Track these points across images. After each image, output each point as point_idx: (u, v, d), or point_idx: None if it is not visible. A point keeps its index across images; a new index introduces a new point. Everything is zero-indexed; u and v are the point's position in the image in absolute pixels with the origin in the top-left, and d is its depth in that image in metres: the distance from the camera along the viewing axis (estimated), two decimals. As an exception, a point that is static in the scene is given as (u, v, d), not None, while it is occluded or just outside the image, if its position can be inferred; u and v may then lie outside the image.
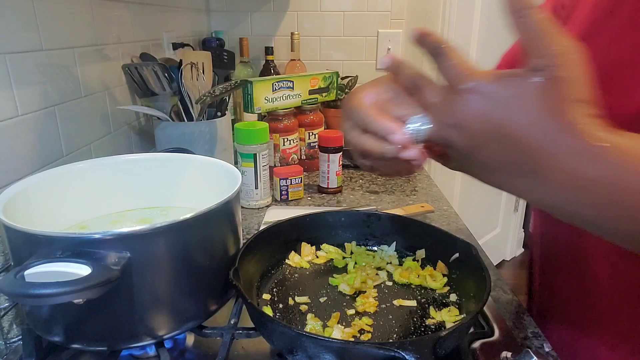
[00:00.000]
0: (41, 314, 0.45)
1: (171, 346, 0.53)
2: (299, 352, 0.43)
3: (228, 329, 0.51)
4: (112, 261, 0.40)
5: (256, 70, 1.57)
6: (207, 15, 1.63)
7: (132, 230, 0.42)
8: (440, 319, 0.54)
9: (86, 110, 0.82)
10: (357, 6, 1.61)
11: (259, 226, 0.85)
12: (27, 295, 0.36)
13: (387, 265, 0.64)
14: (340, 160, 1.00)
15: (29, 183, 0.53)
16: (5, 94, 0.61)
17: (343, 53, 1.66)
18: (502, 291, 0.64)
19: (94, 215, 0.61)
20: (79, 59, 0.79)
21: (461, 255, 0.59)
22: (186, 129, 0.92)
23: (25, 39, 0.65)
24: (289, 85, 1.08)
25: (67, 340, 0.45)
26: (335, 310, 0.55)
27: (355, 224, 0.68)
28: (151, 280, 0.44)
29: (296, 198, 0.98)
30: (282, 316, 0.54)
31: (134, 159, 0.64)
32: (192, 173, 0.64)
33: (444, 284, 0.60)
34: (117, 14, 0.93)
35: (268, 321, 0.45)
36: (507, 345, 0.51)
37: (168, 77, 0.90)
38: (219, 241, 0.51)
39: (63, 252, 0.39)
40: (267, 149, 0.91)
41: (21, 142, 0.64)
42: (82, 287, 0.36)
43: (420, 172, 1.17)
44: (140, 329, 0.45)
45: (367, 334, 0.51)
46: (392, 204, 0.95)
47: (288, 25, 1.63)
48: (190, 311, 0.49)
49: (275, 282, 0.61)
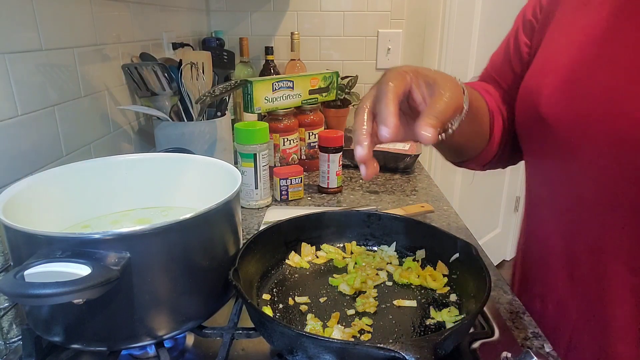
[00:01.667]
0: (41, 314, 0.45)
1: (171, 346, 0.53)
2: (299, 353, 0.43)
3: (228, 329, 0.51)
4: (112, 261, 0.40)
5: (256, 70, 1.57)
6: (207, 15, 1.63)
7: (132, 230, 0.42)
8: (440, 319, 0.54)
9: (86, 110, 0.82)
10: (357, 6, 1.61)
11: (259, 226, 0.85)
12: (27, 295, 0.36)
13: (387, 266, 0.64)
14: (340, 160, 1.00)
15: (29, 183, 0.53)
16: (5, 94, 0.61)
17: (343, 53, 1.66)
18: (502, 291, 0.64)
19: (93, 215, 0.61)
20: (79, 59, 0.79)
21: (461, 255, 0.59)
22: (186, 129, 0.92)
23: (25, 39, 0.65)
24: (289, 85, 1.08)
25: (67, 340, 0.45)
26: (335, 310, 0.55)
27: (355, 224, 0.68)
28: (151, 281, 0.44)
29: (296, 198, 0.98)
30: (282, 316, 0.54)
31: (134, 159, 0.64)
32: (192, 173, 0.64)
33: (444, 284, 0.60)
34: (117, 14, 0.93)
35: (268, 321, 0.45)
36: (507, 345, 0.51)
37: (168, 77, 0.90)
38: (219, 241, 0.51)
39: (63, 252, 0.39)
40: (267, 149, 0.91)
41: (21, 142, 0.64)
42: (82, 287, 0.36)
43: (420, 172, 1.17)
44: (140, 329, 0.45)
45: (367, 334, 0.51)
46: (392, 204, 0.95)
47: (288, 25, 1.63)
48: (190, 311, 0.49)
49: (275, 282, 0.61)
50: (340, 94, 1.42)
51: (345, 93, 1.46)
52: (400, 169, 1.17)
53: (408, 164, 1.15)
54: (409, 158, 1.14)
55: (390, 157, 1.15)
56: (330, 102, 1.38)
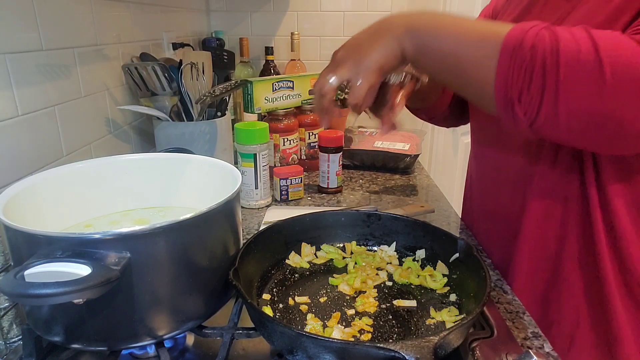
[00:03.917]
0: (41, 314, 0.45)
1: (171, 346, 0.54)
2: (299, 352, 0.43)
3: (228, 329, 0.51)
4: (112, 261, 0.40)
5: (256, 70, 1.57)
6: (207, 15, 1.63)
7: (132, 230, 0.42)
8: (440, 319, 0.54)
9: (86, 110, 0.82)
10: (357, 6, 1.61)
11: (259, 226, 0.85)
12: (27, 295, 0.36)
13: (387, 265, 0.64)
14: (340, 160, 1.00)
15: (29, 183, 0.53)
16: (5, 94, 0.61)
17: (343, 53, 1.66)
18: (502, 291, 0.64)
19: (93, 215, 0.61)
20: (79, 59, 0.79)
21: (461, 255, 0.59)
22: (186, 129, 0.92)
23: (25, 39, 0.65)
24: (289, 85, 1.08)
25: (67, 340, 0.45)
26: (335, 310, 0.55)
27: (355, 224, 0.68)
28: (151, 281, 0.44)
29: (296, 198, 0.98)
30: (282, 316, 0.54)
31: (134, 159, 0.64)
32: (192, 173, 0.64)
33: (444, 284, 0.60)
34: (117, 14, 0.93)
35: (268, 321, 0.45)
36: (507, 345, 0.51)
37: (168, 77, 0.90)
38: (219, 241, 0.51)
39: (63, 252, 0.40)
40: (267, 149, 0.91)
41: (21, 142, 0.64)
42: (82, 287, 0.36)
43: (420, 172, 1.17)
44: (140, 329, 0.45)
45: (367, 334, 0.51)
46: (392, 204, 0.95)
47: (288, 25, 1.63)
48: (190, 311, 0.49)
49: (275, 282, 0.61)
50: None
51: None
52: (400, 169, 1.17)
53: (408, 164, 1.15)
54: (409, 158, 1.14)
55: (390, 157, 1.15)
56: (330, 102, 1.37)
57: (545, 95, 0.46)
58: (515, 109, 0.48)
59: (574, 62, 0.44)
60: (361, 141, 1.24)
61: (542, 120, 0.47)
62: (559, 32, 0.45)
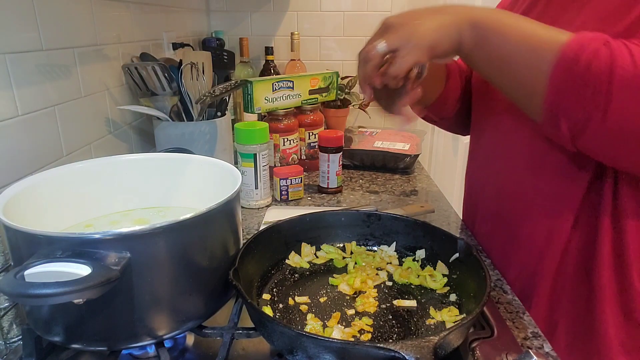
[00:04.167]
0: (41, 314, 0.45)
1: (171, 346, 0.54)
2: (299, 352, 0.43)
3: (228, 329, 0.51)
4: (112, 261, 0.40)
5: (256, 70, 1.57)
6: (207, 15, 1.63)
7: (132, 230, 0.42)
8: (440, 319, 0.54)
9: (86, 110, 0.82)
10: (357, 6, 1.61)
11: (259, 226, 0.85)
12: (27, 295, 0.36)
13: (387, 265, 0.64)
14: (340, 160, 1.00)
15: (29, 183, 0.53)
16: (5, 94, 0.61)
17: (343, 53, 1.67)
18: (502, 291, 0.64)
19: (93, 215, 0.61)
20: (79, 59, 0.79)
21: (461, 255, 0.59)
22: (186, 129, 0.92)
23: (25, 39, 0.65)
24: (289, 85, 1.08)
25: (67, 340, 0.45)
26: (335, 310, 0.55)
27: (355, 224, 0.68)
28: (151, 281, 0.44)
29: (296, 198, 0.98)
30: (282, 316, 0.54)
31: (134, 159, 0.64)
32: (192, 173, 0.64)
33: (444, 284, 0.60)
34: (117, 14, 0.93)
35: (268, 321, 0.45)
36: (507, 345, 0.51)
37: (168, 77, 0.90)
38: (219, 241, 0.51)
39: (63, 252, 0.40)
40: (267, 149, 0.91)
41: (21, 142, 0.64)
42: (82, 287, 0.36)
43: (420, 172, 1.17)
44: (140, 329, 0.45)
45: (367, 334, 0.51)
46: (392, 204, 0.95)
47: (288, 25, 1.63)
48: (190, 311, 0.49)
49: (275, 282, 0.61)
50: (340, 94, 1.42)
51: (345, 93, 1.46)
52: (400, 169, 1.17)
53: (408, 164, 1.15)
54: (409, 158, 1.14)
55: (390, 157, 1.15)
56: (330, 102, 1.38)
57: (592, 117, 0.46)
58: (560, 123, 0.48)
59: (627, 88, 0.44)
60: (361, 141, 1.24)
61: (586, 138, 0.48)
62: (616, 53, 0.45)
